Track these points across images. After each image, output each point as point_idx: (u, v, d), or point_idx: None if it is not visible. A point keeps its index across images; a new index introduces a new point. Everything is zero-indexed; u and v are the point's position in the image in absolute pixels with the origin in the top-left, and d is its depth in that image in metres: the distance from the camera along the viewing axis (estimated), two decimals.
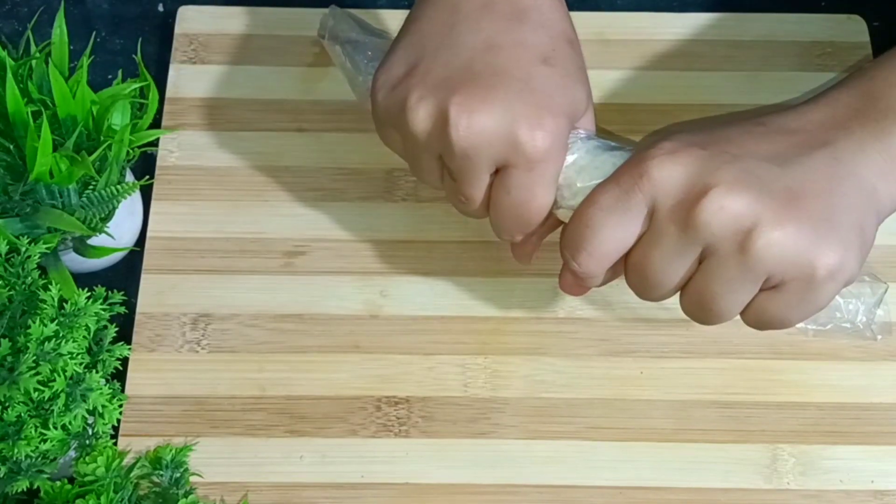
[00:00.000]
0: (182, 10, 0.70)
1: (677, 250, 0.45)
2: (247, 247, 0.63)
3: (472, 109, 0.46)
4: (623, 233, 0.46)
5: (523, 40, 0.48)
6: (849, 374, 0.60)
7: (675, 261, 0.45)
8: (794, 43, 0.69)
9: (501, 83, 0.47)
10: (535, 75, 0.47)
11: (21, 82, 0.56)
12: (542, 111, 0.47)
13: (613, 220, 0.46)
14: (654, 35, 0.69)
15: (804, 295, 0.44)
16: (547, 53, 0.48)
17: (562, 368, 0.60)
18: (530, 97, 0.47)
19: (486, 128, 0.46)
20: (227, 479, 0.57)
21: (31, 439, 0.51)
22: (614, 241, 0.46)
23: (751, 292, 0.45)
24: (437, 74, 0.48)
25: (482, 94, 0.46)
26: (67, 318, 0.53)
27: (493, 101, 0.46)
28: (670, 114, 0.67)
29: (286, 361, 0.60)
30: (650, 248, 0.45)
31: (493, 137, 0.46)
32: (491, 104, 0.46)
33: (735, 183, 0.43)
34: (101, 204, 0.58)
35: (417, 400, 0.59)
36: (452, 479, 0.57)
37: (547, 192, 0.48)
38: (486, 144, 0.47)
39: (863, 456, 0.58)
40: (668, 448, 0.58)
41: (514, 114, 0.46)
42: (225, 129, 0.66)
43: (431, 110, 0.47)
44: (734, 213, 0.43)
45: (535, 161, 0.47)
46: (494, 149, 0.47)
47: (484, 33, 0.48)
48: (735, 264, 0.44)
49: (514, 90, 0.47)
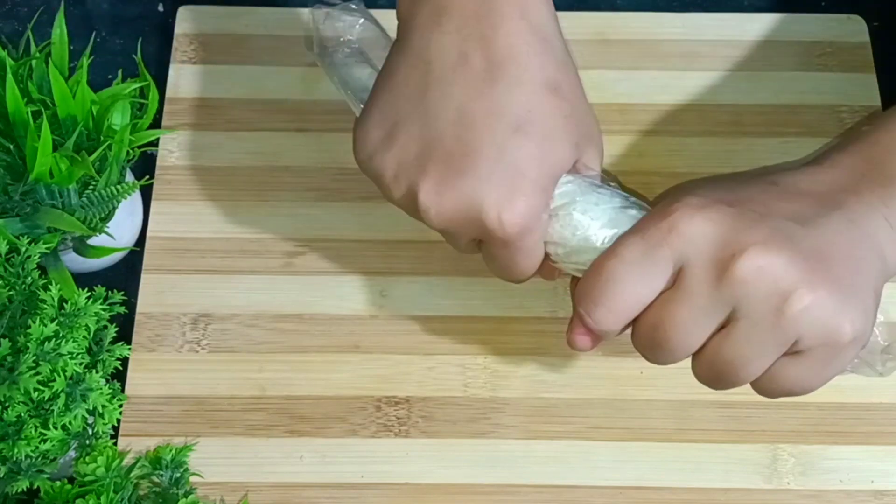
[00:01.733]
0: (182, 10, 0.70)
1: (706, 309, 0.43)
2: (247, 247, 0.63)
3: (440, 195, 0.45)
4: (646, 289, 0.44)
5: (496, 107, 0.45)
6: (849, 374, 0.60)
7: (702, 321, 0.43)
8: (794, 43, 0.69)
9: (470, 164, 0.45)
10: (507, 148, 0.45)
11: (21, 82, 0.56)
12: (512, 191, 0.45)
13: (637, 275, 0.44)
14: (654, 35, 0.70)
15: (827, 360, 0.44)
16: (521, 119, 0.45)
17: (562, 368, 0.60)
18: (500, 176, 0.45)
19: (456, 213, 0.46)
20: (227, 479, 0.57)
21: (31, 439, 0.51)
22: (636, 297, 0.44)
23: (775, 357, 0.44)
24: (410, 150, 0.47)
25: (450, 178, 0.45)
26: (67, 318, 0.53)
27: (460, 186, 0.45)
28: (670, 114, 0.67)
29: (286, 361, 0.60)
30: (676, 305, 0.43)
31: (463, 221, 0.46)
32: (459, 189, 0.45)
33: (771, 242, 0.42)
34: (101, 204, 0.58)
35: (417, 400, 0.59)
36: (452, 479, 0.57)
37: (529, 259, 0.47)
38: (457, 226, 0.46)
39: (863, 456, 0.58)
40: (668, 448, 0.58)
41: (482, 197, 0.45)
42: (225, 129, 0.66)
43: (404, 191, 0.47)
44: (773, 274, 0.42)
45: (510, 238, 0.46)
46: (468, 228, 0.46)
47: (455, 101, 0.46)
48: (768, 327, 0.42)
49: (483, 170, 0.45)
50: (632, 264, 0.44)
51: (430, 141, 0.46)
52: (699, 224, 0.43)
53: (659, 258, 0.43)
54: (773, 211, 0.44)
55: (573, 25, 0.70)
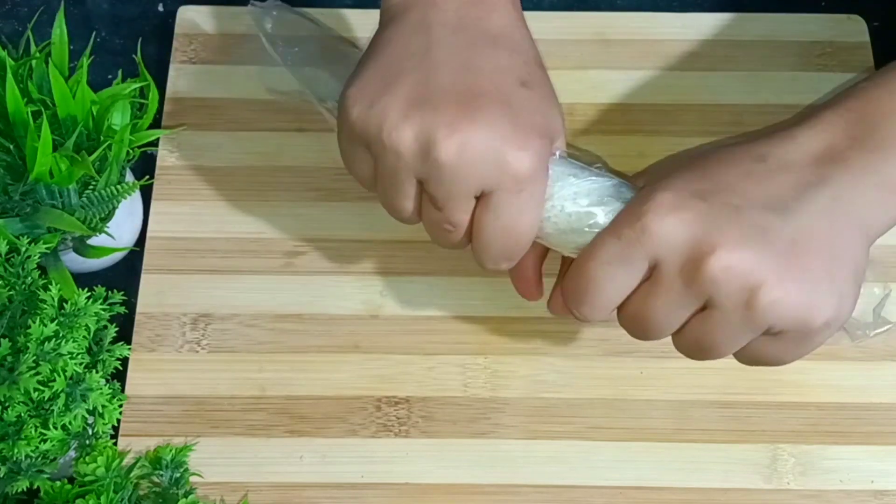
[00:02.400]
0: (182, 10, 0.70)
1: (680, 302, 0.45)
2: (247, 247, 0.63)
3: (459, 130, 0.45)
4: (623, 285, 0.46)
5: (500, 64, 0.48)
6: (849, 374, 0.60)
7: (675, 311, 0.46)
8: (794, 43, 0.69)
9: (485, 105, 0.46)
10: (515, 97, 0.47)
11: (21, 82, 0.56)
12: (527, 132, 0.46)
13: (613, 274, 0.46)
14: (654, 35, 0.70)
15: (800, 342, 0.46)
16: (524, 77, 0.48)
17: (562, 368, 0.60)
18: (514, 118, 0.46)
19: (474, 149, 0.45)
20: (227, 479, 0.57)
21: (31, 439, 0.51)
22: (615, 292, 0.47)
23: (748, 339, 0.46)
24: (418, 92, 0.47)
25: (468, 114, 0.46)
26: (67, 318, 0.53)
27: (479, 123, 0.46)
28: (670, 114, 0.67)
29: (286, 361, 0.60)
30: (652, 297, 0.46)
31: (481, 159, 0.46)
32: (477, 125, 0.46)
33: (741, 241, 0.44)
34: (101, 204, 0.58)
35: (417, 400, 0.59)
36: (452, 479, 0.57)
37: (535, 213, 0.48)
38: (473, 166, 0.46)
39: (863, 456, 0.58)
40: (668, 448, 0.58)
41: (501, 135, 0.46)
42: (225, 129, 0.66)
43: (416, 130, 0.46)
44: (741, 273, 0.43)
45: (524, 181, 0.46)
46: (482, 170, 0.46)
47: (462, 55, 0.48)
48: (738, 318, 0.44)
49: (497, 112, 0.46)
50: (609, 265, 0.46)
51: (440, 86, 0.47)
52: (671, 225, 0.44)
53: (634, 259, 0.45)
54: (752, 198, 0.45)
55: (573, 25, 0.70)
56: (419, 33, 0.49)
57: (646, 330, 0.47)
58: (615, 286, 0.46)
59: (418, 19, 0.49)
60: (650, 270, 0.45)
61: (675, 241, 0.44)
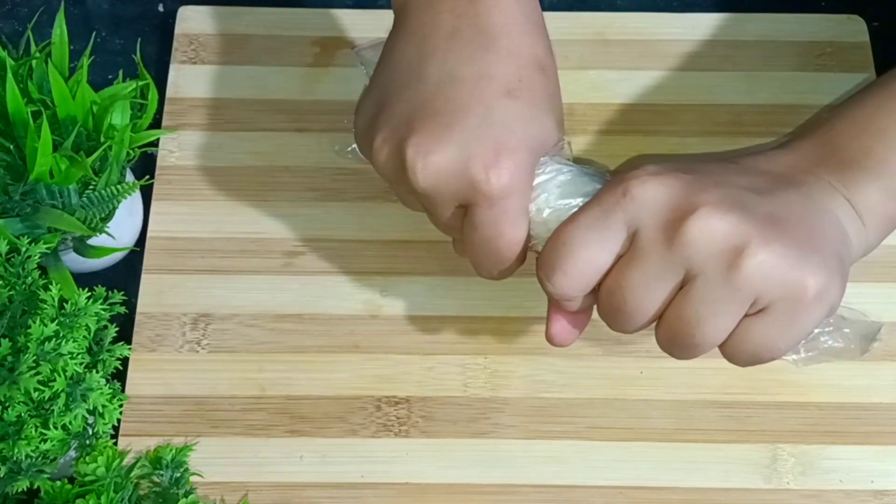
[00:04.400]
0: (182, 10, 0.70)
1: (659, 272, 0.43)
2: (247, 247, 0.63)
3: (427, 150, 0.45)
4: (601, 252, 0.44)
5: (487, 72, 0.47)
6: (849, 374, 0.60)
7: (655, 284, 0.44)
8: (794, 43, 0.69)
9: (459, 120, 0.46)
10: (495, 108, 0.46)
11: (21, 82, 0.56)
12: (500, 147, 0.45)
13: (591, 239, 0.44)
14: (654, 35, 0.70)
15: (792, 316, 0.43)
16: (511, 85, 0.47)
17: (562, 368, 0.60)
18: (488, 132, 0.45)
19: (441, 168, 0.45)
20: (227, 479, 0.57)
21: (31, 439, 0.51)
22: (592, 261, 0.45)
23: (736, 317, 0.44)
24: (400, 113, 0.47)
25: (438, 132, 0.45)
26: (67, 318, 0.53)
27: (448, 140, 0.45)
28: (670, 114, 0.67)
29: (286, 361, 0.60)
30: (630, 269, 0.44)
31: (450, 177, 0.46)
32: (446, 143, 0.45)
33: (721, 203, 0.43)
34: (101, 204, 0.58)
35: (417, 400, 0.59)
36: (452, 479, 0.57)
37: (514, 227, 0.47)
38: (443, 184, 0.46)
39: (863, 456, 0.58)
40: (668, 448, 0.58)
41: (469, 152, 0.45)
42: (225, 129, 0.66)
43: (392, 151, 0.47)
44: (723, 232, 0.42)
45: (495, 199, 0.46)
46: (453, 188, 0.46)
47: (448, 66, 0.47)
48: (722, 284, 0.42)
49: (471, 127, 0.46)
50: (586, 228, 0.44)
51: (420, 103, 0.47)
52: (652, 188, 0.43)
53: (612, 222, 0.44)
54: (730, 182, 0.45)
55: (573, 25, 0.70)
56: (414, 43, 0.49)
57: (624, 308, 0.45)
58: (592, 253, 0.44)
59: (414, 26, 0.49)
60: (629, 241, 0.44)
61: (655, 203, 0.43)
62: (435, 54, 0.48)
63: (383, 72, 0.50)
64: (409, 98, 0.47)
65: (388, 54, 0.50)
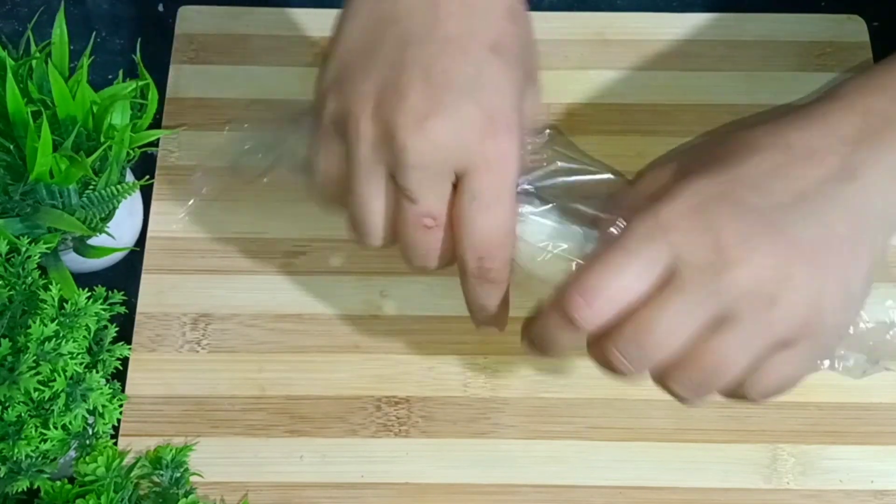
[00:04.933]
0: (182, 10, 0.70)
1: (692, 311, 0.43)
2: (247, 247, 0.63)
3: (424, 115, 0.44)
4: (635, 281, 0.44)
5: (469, 28, 0.45)
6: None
7: (686, 321, 0.43)
8: (794, 43, 0.69)
9: (451, 81, 0.44)
10: (484, 67, 0.45)
11: (21, 82, 0.56)
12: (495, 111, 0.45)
13: (630, 264, 0.43)
14: (654, 35, 0.70)
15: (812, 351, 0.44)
16: (494, 39, 0.46)
17: (562, 368, 0.60)
18: (481, 95, 0.44)
19: (440, 133, 0.44)
20: (227, 479, 0.57)
21: (31, 439, 0.51)
22: (624, 288, 0.44)
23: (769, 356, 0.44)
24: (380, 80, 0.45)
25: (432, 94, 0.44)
26: (67, 318, 0.53)
27: (443, 104, 0.44)
28: (670, 114, 0.67)
29: (286, 361, 0.60)
30: (666, 302, 0.43)
31: (448, 142, 0.44)
32: (443, 106, 0.44)
33: (764, 247, 0.43)
34: (101, 204, 0.58)
35: (417, 400, 0.59)
36: (452, 479, 0.57)
37: (511, 198, 0.46)
38: (441, 150, 0.44)
39: (863, 456, 0.58)
40: (668, 448, 0.58)
41: (467, 116, 0.44)
42: (225, 129, 0.66)
43: (383, 118, 0.44)
44: (764, 280, 0.42)
45: (494, 162, 0.45)
46: (450, 154, 0.44)
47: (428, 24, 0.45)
48: (763, 328, 0.43)
49: (465, 88, 0.44)
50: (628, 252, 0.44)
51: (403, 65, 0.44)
52: (695, 228, 0.43)
53: (653, 253, 0.43)
54: (775, 197, 0.44)
55: (573, 25, 0.70)
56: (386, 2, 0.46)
57: (648, 344, 0.44)
58: (626, 280, 0.43)
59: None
60: (664, 277, 0.43)
61: (697, 243, 0.43)
62: (412, 13, 0.46)
63: (347, 41, 0.47)
64: (392, 62, 0.45)
65: (352, 20, 0.47)
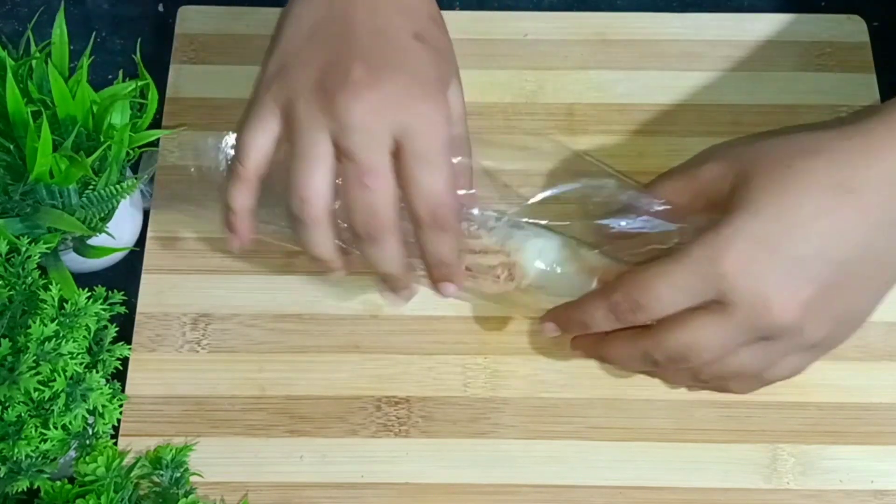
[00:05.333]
0: (182, 10, 0.70)
1: (734, 339, 0.50)
2: (247, 247, 0.63)
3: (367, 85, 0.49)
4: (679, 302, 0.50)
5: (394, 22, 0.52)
6: (849, 374, 0.60)
7: (729, 345, 0.50)
8: (794, 43, 0.69)
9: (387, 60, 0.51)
10: (409, 51, 0.52)
11: (21, 82, 0.56)
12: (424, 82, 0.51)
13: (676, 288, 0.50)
14: (654, 35, 0.70)
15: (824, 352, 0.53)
16: (417, 30, 0.53)
17: (562, 368, 0.60)
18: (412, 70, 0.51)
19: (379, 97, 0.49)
20: (227, 479, 0.57)
21: (31, 439, 0.51)
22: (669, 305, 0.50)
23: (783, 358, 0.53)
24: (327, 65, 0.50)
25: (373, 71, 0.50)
26: (67, 318, 0.53)
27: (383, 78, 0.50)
28: (670, 114, 0.67)
29: (286, 361, 0.60)
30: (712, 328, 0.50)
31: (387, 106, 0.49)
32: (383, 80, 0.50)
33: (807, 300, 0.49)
34: (101, 204, 0.58)
35: (417, 400, 0.59)
36: (452, 479, 0.57)
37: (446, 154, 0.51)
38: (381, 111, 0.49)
39: (863, 456, 0.58)
40: (668, 448, 0.58)
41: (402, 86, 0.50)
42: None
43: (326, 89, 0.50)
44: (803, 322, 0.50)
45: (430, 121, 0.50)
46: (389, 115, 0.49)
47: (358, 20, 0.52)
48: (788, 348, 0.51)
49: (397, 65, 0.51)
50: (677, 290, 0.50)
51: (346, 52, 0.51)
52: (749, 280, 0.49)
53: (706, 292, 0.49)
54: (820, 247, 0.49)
55: (573, 25, 0.70)
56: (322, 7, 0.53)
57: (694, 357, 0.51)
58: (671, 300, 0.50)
59: None
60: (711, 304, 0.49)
61: (748, 292, 0.49)
62: (347, 12, 0.52)
63: (290, 39, 0.53)
64: (335, 49, 0.51)
65: (294, 20, 0.53)
